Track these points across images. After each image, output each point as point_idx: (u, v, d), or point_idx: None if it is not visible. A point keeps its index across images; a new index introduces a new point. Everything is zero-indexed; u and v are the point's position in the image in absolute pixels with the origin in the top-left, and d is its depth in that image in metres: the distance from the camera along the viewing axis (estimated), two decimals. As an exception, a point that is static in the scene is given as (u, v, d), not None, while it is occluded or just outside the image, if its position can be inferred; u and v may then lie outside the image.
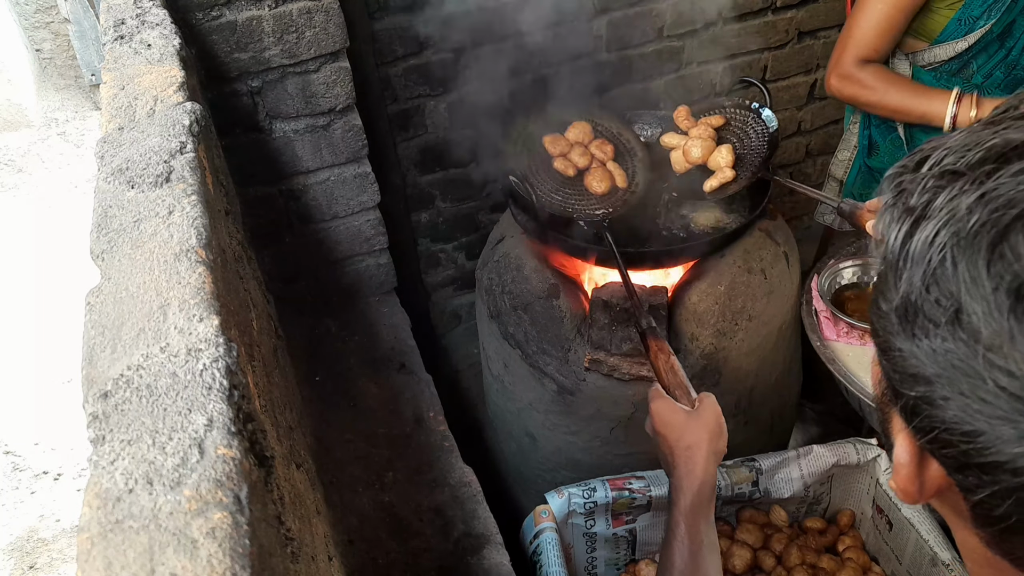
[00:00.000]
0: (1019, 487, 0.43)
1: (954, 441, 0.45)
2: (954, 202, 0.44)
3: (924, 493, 0.53)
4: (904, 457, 0.52)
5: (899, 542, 1.44)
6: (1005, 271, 0.42)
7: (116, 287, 0.75)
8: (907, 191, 0.48)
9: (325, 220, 1.65)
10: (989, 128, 0.47)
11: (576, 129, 1.64)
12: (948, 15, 1.51)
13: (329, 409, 1.53)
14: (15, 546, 2.03)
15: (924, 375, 0.46)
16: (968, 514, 0.50)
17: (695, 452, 1.05)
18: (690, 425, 1.07)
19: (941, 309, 0.44)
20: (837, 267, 1.61)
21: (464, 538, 1.29)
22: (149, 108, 1.02)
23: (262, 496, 0.64)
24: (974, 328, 0.43)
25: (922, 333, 0.46)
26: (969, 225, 0.43)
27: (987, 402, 0.43)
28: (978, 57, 1.53)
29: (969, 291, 0.43)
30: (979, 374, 0.43)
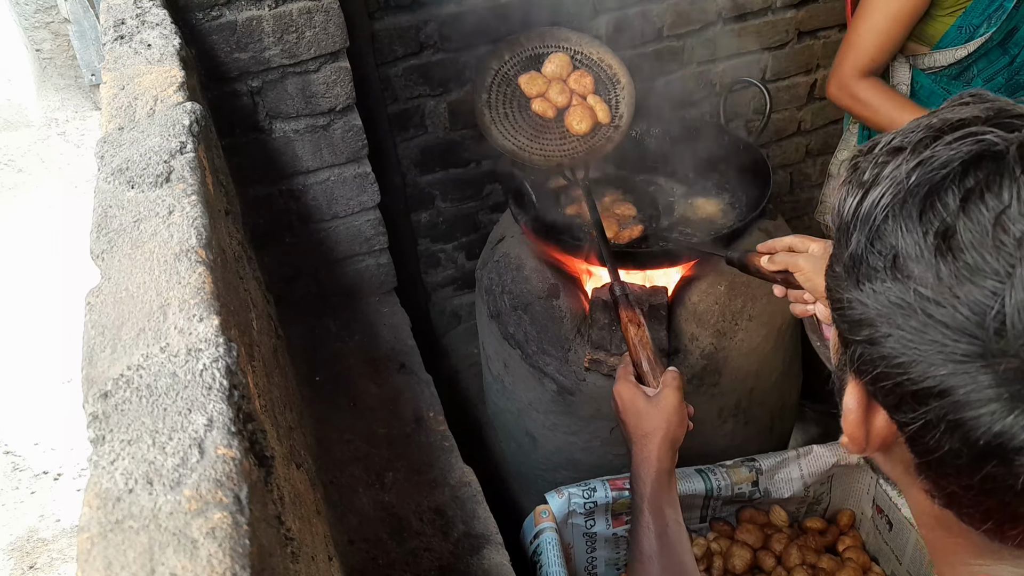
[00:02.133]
0: (947, 410, 0.48)
1: (892, 374, 0.50)
2: (897, 170, 0.51)
3: (871, 442, 0.58)
4: (852, 403, 0.57)
5: (899, 542, 1.44)
6: (934, 219, 0.48)
7: (116, 287, 0.75)
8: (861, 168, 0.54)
9: (325, 220, 1.65)
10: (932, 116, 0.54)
11: (553, 63, 1.53)
12: (948, 22, 1.51)
13: (329, 409, 1.53)
14: (15, 546, 2.03)
15: (868, 318, 0.52)
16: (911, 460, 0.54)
17: (650, 440, 1.08)
18: (649, 412, 1.10)
19: (881, 257, 0.51)
20: (837, 267, 1.61)
21: (464, 538, 1.29)
22: (149, 108, 1.02)
23: (262, 496, 0.64)
24: (908, 269, 0.49)
25: (865, 279, 0.52)
26: (908, 185, 0.50)
27: (918, 331, 0.48)
28: (979, 63, 1.53)
29: (904, 238, 0.49)
30: (912, 307, 0.49)
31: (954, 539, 0.57)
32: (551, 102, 1.49)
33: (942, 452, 0.50)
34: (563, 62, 1.53)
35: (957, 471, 0.50)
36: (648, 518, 1.04)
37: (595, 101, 1.50)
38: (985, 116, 0.51)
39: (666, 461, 1.07)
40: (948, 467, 0.51)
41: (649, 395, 1.12)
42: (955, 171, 0.48)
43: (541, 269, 1.56)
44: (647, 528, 1.03)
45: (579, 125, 1.46)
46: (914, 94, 1.63)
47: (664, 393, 1.11)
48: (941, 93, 1.58)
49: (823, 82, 2.37)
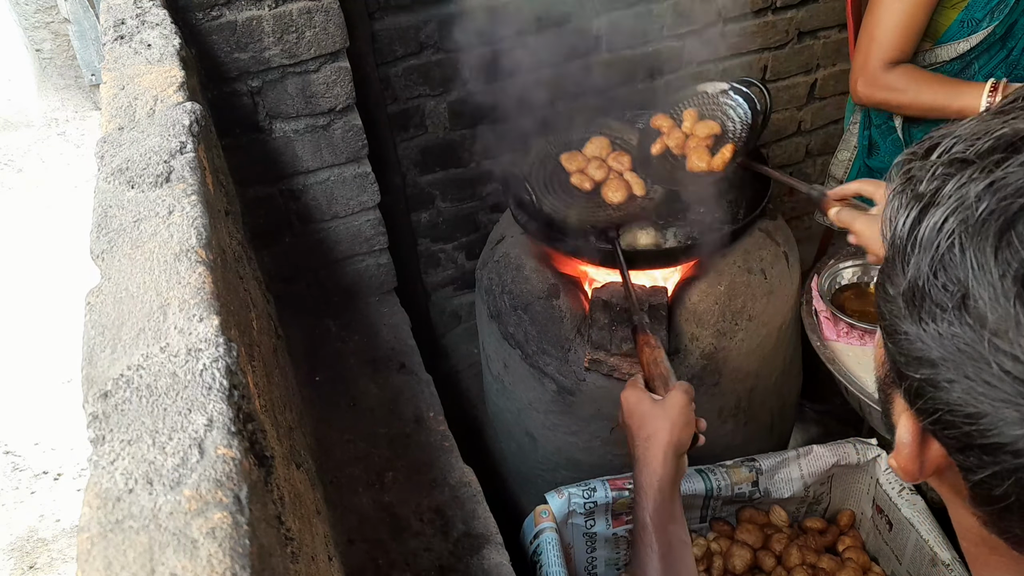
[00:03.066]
0: (1019, 468, 0.44)
1: (957, 423, 0.46)
2: (963, 190, 0.45)
3: (924, 472, 0.54)
4: (906, 437, 0.53)
5: (899, 542, 1.44)
6: (1012, 258, 0.42)
7: (116, 287, 0.75)
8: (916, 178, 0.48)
9: (325, 220, 1.65)
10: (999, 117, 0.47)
11: (594, 144, 1.65)
12: (952, 16, 1.51)
13: (329, 409, 1.53)
14: (15, 546, 2.03)
15: (929, 358, 0.47)
16: (967, 493, 0.51)
17: (651, 443, 1.01)
18: (653, 413, 1.04)
19: (948, 294, 0.45)
20: (837, 267, 1.61)
21: (464, 538, 1.29)
22: (149, 108, 1.02)
23: (262, 496, 0.64)
24: (980, 313, 0.43)
25: (929, 317, 0.46)
26: (978, 212, 0.44)
27: (991, 385, 0.43)
28: (980, 58, 1.53)
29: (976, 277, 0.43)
30: (984, 358, 0.43)
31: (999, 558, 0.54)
32: (589, 176, 1.58)
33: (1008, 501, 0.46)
34: (602, 144, 1.65)
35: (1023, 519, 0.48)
36: (651, 537, 0.97)
37: (631, 176, 1.60)
38: None
39: (670, 467, 1.01)
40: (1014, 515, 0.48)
41: (655, 399, 1.08)
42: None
43: (541, 269, 1.56)
44: (650, 548, 0.96)
45: (614, 195, 1.54)
46: None
47: (671, 395, 1.07)
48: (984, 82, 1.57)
49: (823, 82, 2.37)
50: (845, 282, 1.61)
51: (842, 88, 2.39)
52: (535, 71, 1.86)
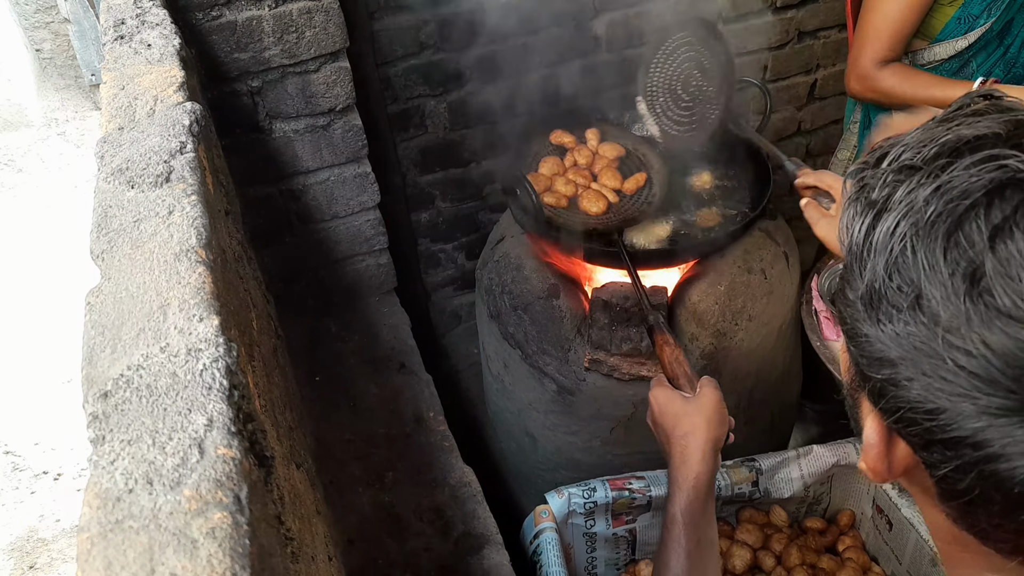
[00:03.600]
0: (980, 460, 0.45)
1: (919, 419, 0.48)
2: (912, 195, 0.47)
3: (892, 471, 0.55)
4: (873, 438, 0.55)
5: (899, 542, 1.44)
6: (960, 257, 0.44)
7: (116, 287, 0.75)
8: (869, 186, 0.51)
9: (325, 220, 1.65)
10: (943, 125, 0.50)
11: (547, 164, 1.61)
12: (949, 13, 1.51)
13: (329, 409, 1.53)
14: (15, 546, 2.03)
15: (889, 358, 0.49)
16: (934, 491, 0.52)
17: (690, 440, 1.01)
18: (687, 411, 1.04)
19: (903, 295, 0.47)
20: (837, 267, 1.61)
21: (464, 538, 1.29)
22: (149, 108, 1.02)
23: (262, 496, 0.64)
24: (934, 312, 0.45)
25: (886, 318, 0.48)
26: (927, 216, 0.46)
27: (948, 380, 0.45)
28: (978, 56, 1.53)
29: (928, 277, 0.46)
30: (939, 354, 0.45)
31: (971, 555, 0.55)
32: (559, 193, 1.56)
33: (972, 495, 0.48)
34: (553, 162, 1.62)
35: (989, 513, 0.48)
36: (679, 532, 0.96)
37: (607, 180, 1.57)
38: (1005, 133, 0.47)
39: (709, 463, 1.00)
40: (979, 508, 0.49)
41: (686, 397, 1.07)
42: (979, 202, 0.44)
43: (541, 269, 1.56)
44: (677, 544, 0.96)
45: (594, 207, 1.52)
46: None
47: (703, 392, 1.06)
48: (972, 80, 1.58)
49: (823, 82, 2.37)
50: (845, 282, 1.61)
51: (842, 88, 2.38)
52: (534, 71, 1.87)
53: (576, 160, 1.63)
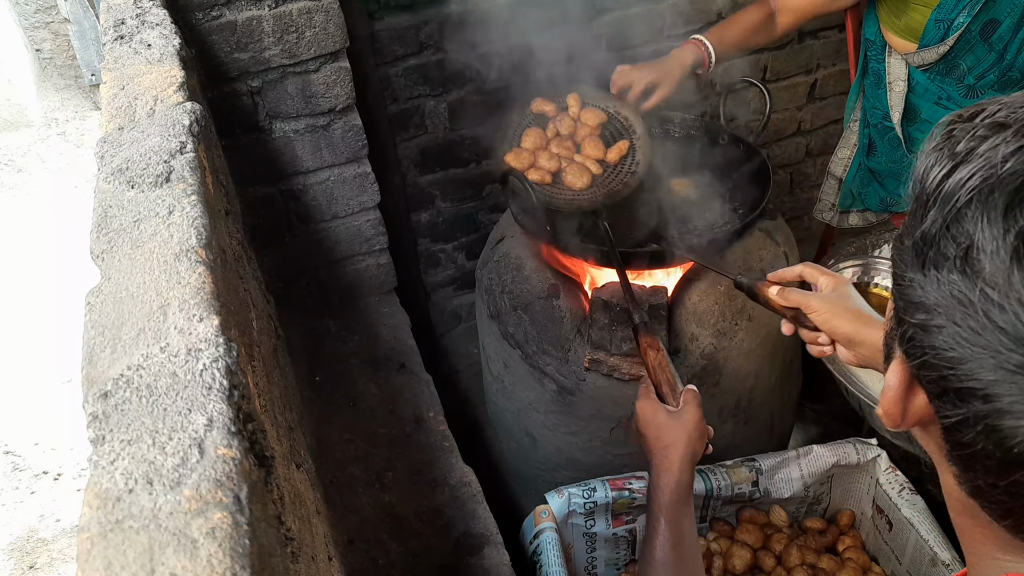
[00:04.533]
0: (988, 414, 0.47)
1: (939, 366, 0.49)
2: (994, 151, 0.47)
3: (907, 419, 0.57)
4: (893, 380, 0.56)
5: (899, 542, 1.44)
6: (1020, 217, 0.45)
7: (116, 287, 0.75)
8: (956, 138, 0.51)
9: (325, 220, 1.65)
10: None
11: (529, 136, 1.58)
12: (925, 13, 1.51)
13: (329, 409, 1.53)
14: (15, 546, 2.03)
15: (926, 303, 0.50)
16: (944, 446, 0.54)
17: (671, 451, 1.08)
18: (669, 425, 1.10)
19: (955, 245, 0.48)
20: (837, 267, 1.61)
21: (464, 538, 1.29)
22: (149, 108, 1.02)
23: (262, 496, 0.64)
24: (980, 265, 0.46)
25: (932, 265, 0.49)
26: (1000, 172, 0.46)
27: (975, 332, 0.47)
28: (965, 58, 1.53)
29: (983, 231, 0.46)
30: (974, 306, 0.47)
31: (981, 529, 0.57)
32: (543, 168, 1.54)
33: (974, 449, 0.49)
34: (536, 134, 1.59)
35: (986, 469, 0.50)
36: (664, 527, 1.03)
37: (591, 150, 1.55)
38: None
39: (686, 474, 1.07)
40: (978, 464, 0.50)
41: (670, 411, 1.13)
42: None
43: (541, 269, 1.56)
44: (663, 537, 1.02)
45: (578, 181, 1.51)
46: (911, 89, 1.64)
47: (685, 409, 1.12)
48: (935, 90, 1.59)
49: (823, 82, 2.37)
50: (845, 282, 1.61)
51: (842, 88, 2.39)
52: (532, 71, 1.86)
53: (558, 130, 1.60)
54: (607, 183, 1.52)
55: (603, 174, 1.54)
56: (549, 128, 1.62)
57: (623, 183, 1.52)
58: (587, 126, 1.60)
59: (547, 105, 1.64)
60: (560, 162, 1.54)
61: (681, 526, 1.03)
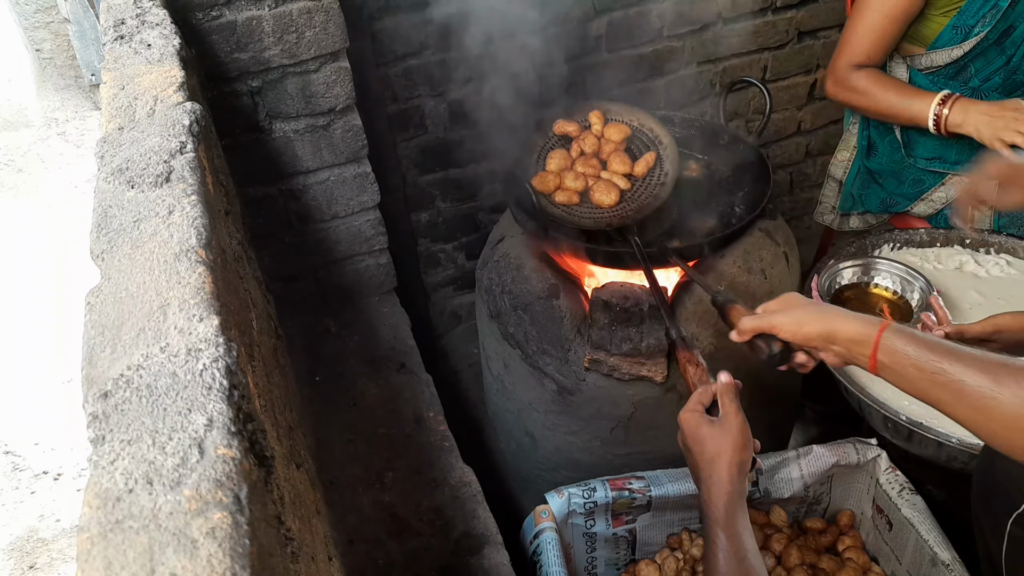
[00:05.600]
0: None
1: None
2: None
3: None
4: None
5: (899, 542, 1.44)
6: None
7: (116, 287, 0.75)
8: None
9: (325, 220, 1.65)
10: None
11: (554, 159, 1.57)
12: (943, 22, 1.52)
13: (329, 409, 1.53)
14: (15, 546, 2.03)
15: None
16: None
17: (718, 462, 1.06)
18: (712, 434, 1.09)
19: None
20: (837, 267, 1.61)
21: (464, 538, 1.29)
22: (149, 108, 1.02)
23: (262, 496, 0.64)
24: None
25: None
26: None
27: None
28: (975, 61, 1.53)
29: None
30: None
31: None
32: (570, 189, 1.53)
33: None
34: (560, 155, 1.58)
35: None
36: (725, 541, 1.00)
37: (617, 166, 1.54)
38: None
39: (737, 483, 1.05)
40: None
41: (713, 420, 1.13)
42: None
43: (541, 269, 1.56)
44: (725, 551, 1.00)
45: (606, 198, 1.50)
46: None
47: (727, 417, 1.12)
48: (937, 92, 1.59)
49: (823, 82, 2.37)
50: (845, 282, 1.61)
51: (842, 88, 2.39)
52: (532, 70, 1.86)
53: (583, 149, 1.59)
54: (636, 197, 1.52)
55: (631, 188, 1.53)
56: (573, 148, 1.61)
57: (652, 195, 1.52)
58: (612, 142, 1.59)
59: (569, 125, 1.63)
60: (587, 181, 1.53)
61: (742, 539, 1.01)
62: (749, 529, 1.04)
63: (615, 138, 1.60)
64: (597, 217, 1.50)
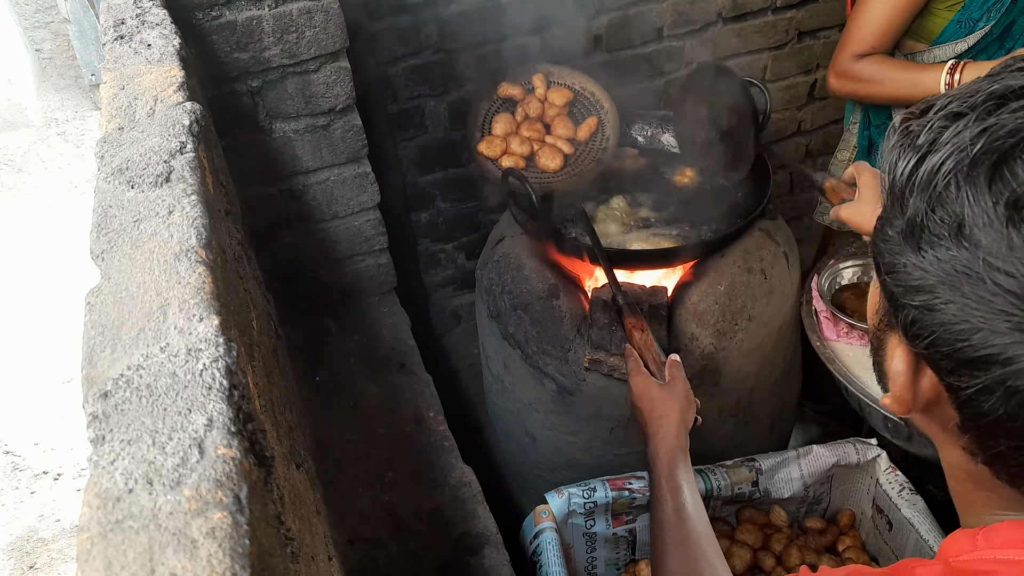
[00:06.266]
0: (1008, 376, 0.49)
1: (950, 340, 0.51)
2: (959, 135, 0.50)
3: (917, 402, 0.58)
4: (901, 367, 0.58)
5: (899, 542, 1.45)
6: (1004, 188, 0.47)
7: (116, 287, 0.75)
8: (914, 132, 0.53)
9: (325, 220, 1.65)
10: (988, 79, 0.52)
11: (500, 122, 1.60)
12: (947, 17, 1.51)
13: (329, 409, 1.53)
14: (15, 546, 2.03)
15: (927, 283, 0.51)
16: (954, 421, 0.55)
17: (665, 421, 1.16)
18: (661, 395, 1.19)
19: (945, 225, 0.50)
20: (837, 267, 1.61)
21: (464, 538, 1.29)
22: (149, 108, 1.02)
23: (262, 496, 0.64)
24: (975, 238, 0.48)
25: (927, 246, 0.51)
26: (972, 153, 0.49)
27: (986, 300, 0.48)
28: (978, 56, 1.53)
29: (971, 207, 0.49)
30: (979, 275, 0.48)
31: (984, 493, 0.58)
32: (515, 154, 1.57)
33: (995, 416, 0.50)
34: (506, 119, 1.61)
35: (1009, 433, 0.51)
36: (666, 495, 1.08)
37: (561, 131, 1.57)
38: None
39: (682, 439, 1.14)
40: (1000, 429, 0.51)
41: (661, 384, 1.21)
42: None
43: (541, 269, 1.56)
44: (666, 505, 1.07)
45: (552, 163, 1.54)
46: None
47: (674, 381, 1.21)
48: None
49: (823, 82, 2.37)
50: (845, 282, 1.61)
51: (842, 88, 2.39)
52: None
53: (527, 112, 1.62)
54: (579, 162, 1.55)
55: (575, 153, 1.56)
56: (518, 112, 1.63)
57: (595, 160, 1.55)
58: (555, 106, 1.62)
59: (513, 88, 1.65)
60: (532, 145, 1.57)
61: (681, 492, 1.08)
62: (691, 482, 1.11)
63: (558, 102, 1.62)
64: (543, 181, 1.54)
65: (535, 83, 1.65)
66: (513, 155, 1.56)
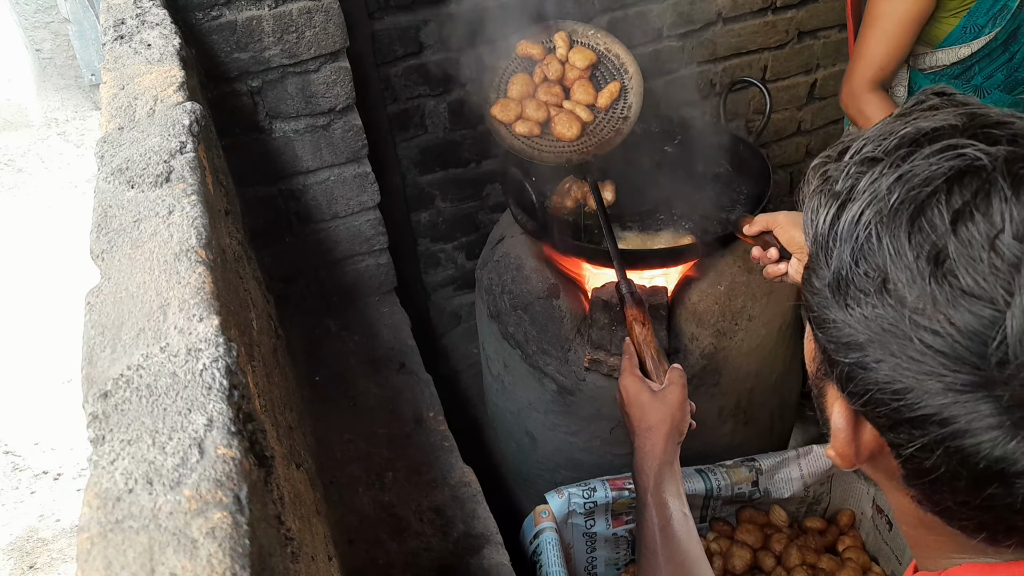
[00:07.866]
0: (946, 437, 0.47)
1: (886, 400, 0.49)
2: (875, 184, 0.49)
3: (860, 456, 0.57)
4: (841, 423, 0.56)
5: (899, 542, 1.45)
6: (924, 241, 0.46)
7: (116, 287, 0.75)
8: (832, 178, 0.52)
9: (325, 220, 1.65)
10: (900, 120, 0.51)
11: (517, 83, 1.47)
12: (952, 23, 1.52)
13: (329, 409, 1.53)
14: (15, 546, 2.03)
15: (857, 341, 0.50)
16: (899, 473, 0.53)
17: (655, 433, 1.08)
18: (653, 405, 1.10)
19: (869, 280, 0.49)
20: (837, 267, 1.61)
21: (464, 538, 1.29)
22: (149, 108, 1.02)
23: (262, 496, 0.64)
24: (900, 294, 0.47)
25: (854, 302, 0.50)
26: (890, 203, 0.48)
27: (915, 360, 0.47)
28: (981, 61, 1.54)
29: (894, 261, 0.47)
30: (907, 335, 0.47)
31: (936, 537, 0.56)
32: (530, 119, 1.46)
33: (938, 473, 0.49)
34: (523, 80, 1.50)
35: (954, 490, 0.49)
36: (652, 511, 1.03)
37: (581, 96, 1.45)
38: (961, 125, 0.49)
39: (670, 454, 1.07)
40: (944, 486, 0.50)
41: (654, 390, 1.13)
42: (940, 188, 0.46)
43: (541, 269, 1.56)
44: (651, 522, 1.03)
45: (568, 131, 1.43)
46: (911, 94, 1.64)
47: (669, 388, 1.12)
48: None
49: (823, 82, 2.37)
50: (845, 282, 1.61)
51: (842, 88, 2.39)
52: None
53: (546, 74, 1.51)
54: (598, 131, 1.44)
55: (594, 121, 1.45)
56: (536, 73, 1.51)
57: (615, 130, 1.44)
58: (576, 68, 1.51)
59: (533, 48, 1.53)
60: (548, 111, 1.46)
61: (668, 507, 1.04)
62: (678, 495, 1.06)
63: (580, 64, 1.51)
64: (558, 151, 1.44)
65: (556, 42, 1.53)
66: (528, 120, 1.44)
